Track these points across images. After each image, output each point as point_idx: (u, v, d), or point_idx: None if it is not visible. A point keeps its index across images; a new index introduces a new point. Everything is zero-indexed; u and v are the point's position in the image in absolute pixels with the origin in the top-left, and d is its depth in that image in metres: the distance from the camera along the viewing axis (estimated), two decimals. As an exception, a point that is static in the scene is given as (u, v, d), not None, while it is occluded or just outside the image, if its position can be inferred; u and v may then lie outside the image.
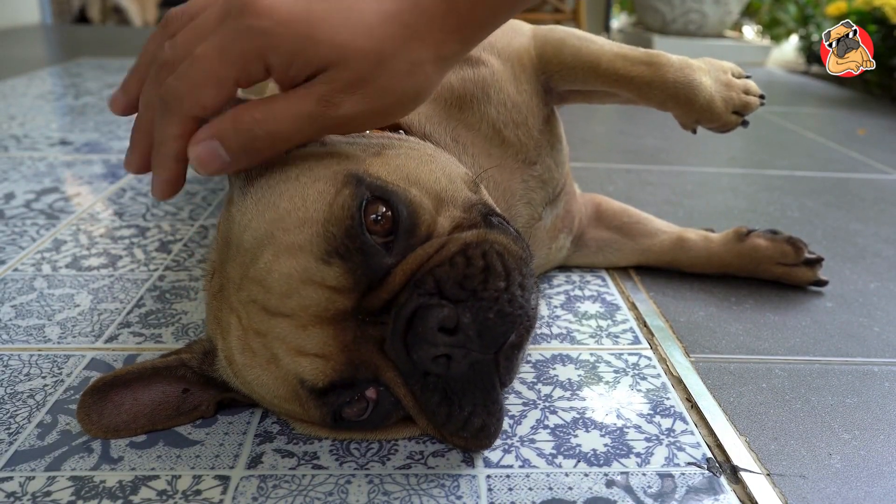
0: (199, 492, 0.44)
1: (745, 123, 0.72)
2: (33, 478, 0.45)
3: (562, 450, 0.49)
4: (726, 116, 0.70)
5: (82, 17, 3.81)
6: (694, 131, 0.72)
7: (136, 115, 0.47)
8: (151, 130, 0.45)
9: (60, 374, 0.57)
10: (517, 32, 0.67)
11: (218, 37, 0.41)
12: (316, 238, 0.42)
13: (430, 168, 0.48)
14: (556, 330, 0.66)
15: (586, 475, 0.47)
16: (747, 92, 0.71)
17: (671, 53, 0.68)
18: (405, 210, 0.43)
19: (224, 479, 0.46)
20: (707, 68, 0.70)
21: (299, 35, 0.40)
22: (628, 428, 0.52)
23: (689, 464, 0.49)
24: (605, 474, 0.47)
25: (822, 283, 0.76)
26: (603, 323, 0.67)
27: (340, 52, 0.41)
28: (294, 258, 0.42)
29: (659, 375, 0.59)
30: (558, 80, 0.66)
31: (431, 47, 0.43)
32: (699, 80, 0.67)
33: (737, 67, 0.73)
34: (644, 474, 0.47)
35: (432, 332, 0.41)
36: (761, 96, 0.72)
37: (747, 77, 0.73)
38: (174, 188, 0.46)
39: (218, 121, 0.42)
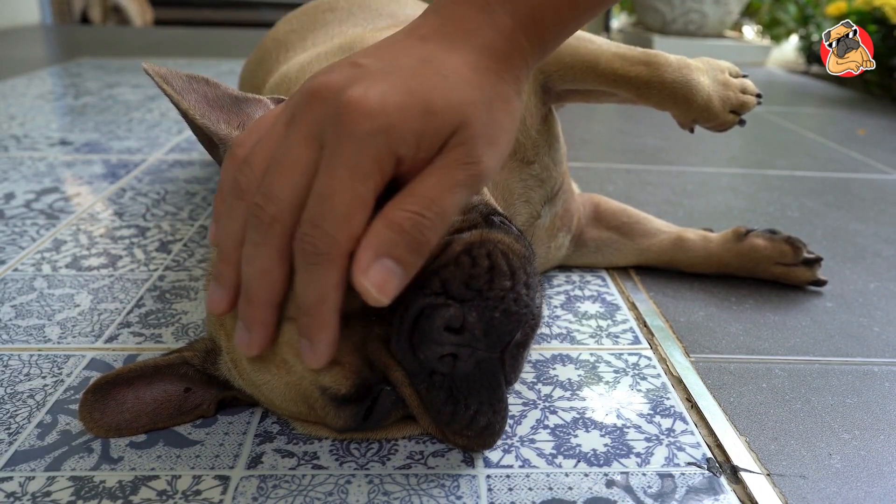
0: (199, 492, 0.44)
1: (742, 122, 0.72)
2: (33, 478, 0.45)
3: (562, 450, 0.49)
4: (724, 116, 0.70)
5: (84, 19, 3.81)
6: (692, 130, 0.73)
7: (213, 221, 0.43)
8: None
9: (60, 374, 0.57)
10: None
11: (339, 161, 0.37)
12: None
13: None
14: (556, 330, 0.66)
15: (586, 475, 0.47)
16: (744, 91, 0.72)
17: (671, 53, 0.68)
18: None
19: (224, 479, 0.46)
20: (705, 68, 0.70)
21: (418, 114, 0.38)
22: (628, 428, 0.52)
23: (689, 464, 0.49)
24: (605, 474, 0.47)
25: (822, 283, 0.76)
26: (603, 323, 0.67)
27: (460, 110, 0.38)
28: None
29: (659, 375, 0.59)
30: (556, 79, 0.66)
31: (512, 83, 0.42)
32: (697, 80, 0.67)
33: (734, 67, 0.73)
34: (644, 474, 0.47)
35: (438, 332, 0.41)
36: (758, 95, 0.73)
37: (744, 76, 0.73)
38: (336, 346, 0.41)
39: (369, 238, 0.37)
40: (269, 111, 0.44)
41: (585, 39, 0.66)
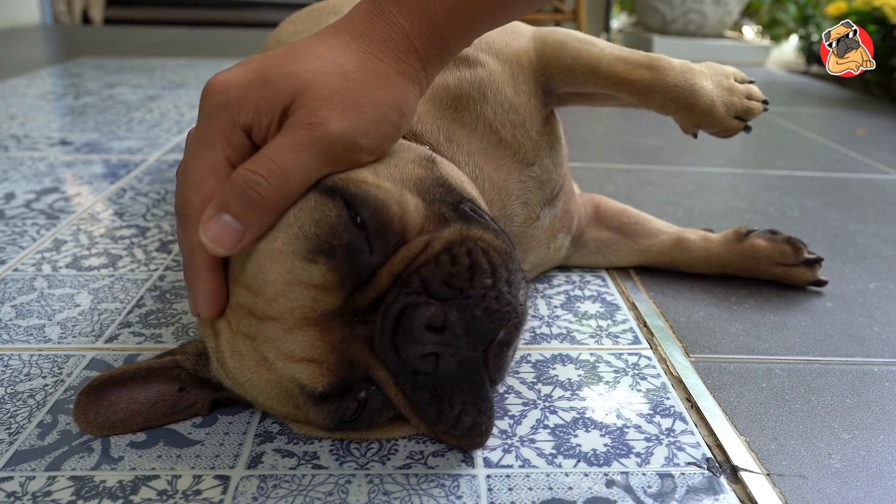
0: (199, 492, 0.44)
1: (747, 129, 0.71)
2: (33, 478, 0.45)
3: (562, 450, 0.49)
4: (727, 121, 0.69)
5: (86, 19, 3.81)
6: (695, 136, 0.72)
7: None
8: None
9: (61, 374, 0.57)
10: (516, 34, 0.67)
11: (195, 134, 0.44)
12: (297, 240, 0.42)
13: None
14: (556, 330, 0.66)
15: (586, 475, 0.47)
16: (750, 97, 0.70)
17: (671, 53, 0.68)
18: (370, 208, 0.43)
19: (224, 479, 0.46)
20: (709, 73, 0.69)
21: (255, 85, 0.43)
22: (628, 428, 0.52)
23: (689, 464, 0.49)
24: (605, 474, 0.47)
25: (822, 283, 0.76)
26: (603, 323, 0.67)
27: (299, 78, 0.43)
28: (279, 262, 0.42)
29: (659, 375, 0.59)
30: (558, 81, 0.66)
31: (389, 62, 0.45)
32: (700, 85, 0.67)
33: (740, 72, 0.72)
34: (644, 474, 0.47)
35: (420, 331, 0.41)
36: (764, 101, 0.71)
37: (751, 82, 0.72)
38: (218, 302, 0.45)
39: (217, 196, 0.42)
40: None
41: (587, 42, 0.66)
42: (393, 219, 0.44)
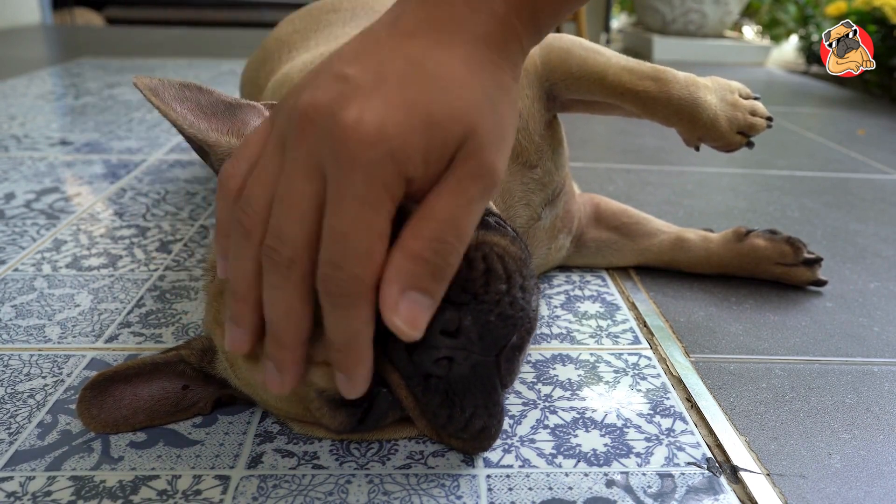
0: (199, 492, 0.44)
1: (749, 144, 0.70)
2: (33, 478, 0.45)
3: (562, 450, 0.49)
4: (730, 136, 0.69)
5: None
6: (697, 148, 0.72)
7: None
8: (259, 302, 0.40)
9: (61, 373, 0.57)
10: None
11: (346, 191, 0.35)
12: None
13: None
14: (556, 330, 0.66)
15: (586, 475, 0.47)
16: (754, 113, 0.70)
17: (671, 53, 0.68)
18: None
19: (224, 479, 0.46)
20: (713, 87, 0.69)
21: (421, 131, 0.35)
22: (628, 428, 0.52)
23: (689, 464, 0.49)
24: (605, 474, 0.47)
25: (822, 283, 0.76)
26: (603, 323, 0.67)
27: (465, 118, 0.36)
28: None
29: (659, 375, 0.59)
30: (562, 88, 0.66)
31: (509, 69, 0.40)
32: (704, 98, 0.67)
33: (745, 88, 0.72)
34: (644, 474, 0.47)
35: (434, 335, 0.41)
36: (769, 118, 0.71)
37: (756, 98, 0.72)
38: (370, 377, 0.40)
39: (392, 273, 0.36)
40: (259, 122, 0.44)
41: (594, 51, 0.66)
42: None
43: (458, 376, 0.43)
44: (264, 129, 0.41)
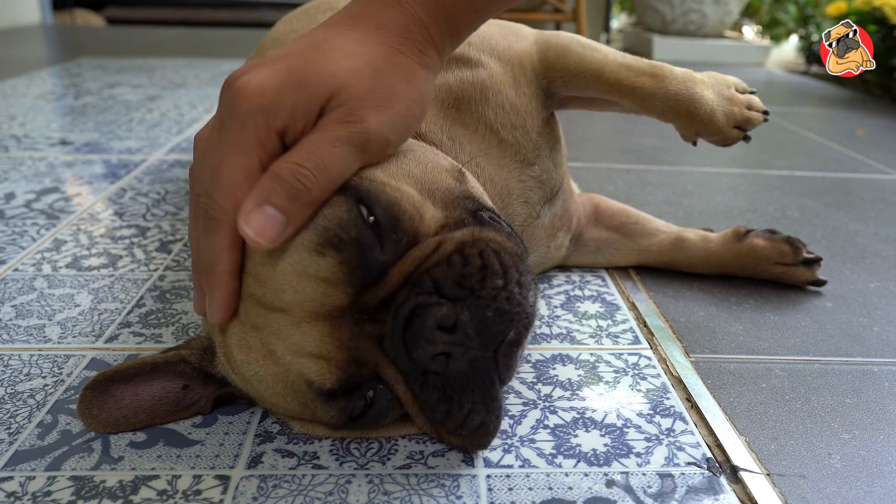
0: (199, 492, 0.44)
1: (746, 139, 0.71)
2: (34, 477, 0.45)
3: (562, 450, 0.49)
4: (727, 131, 0.69)
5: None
6: (694, 143, 0.72)
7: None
8: None
9: (61, 373, 0.57)
10: (519, 37, 0.67)
11: (226, 138, 0.43)
12: (307, 232, 0.42)
13: (404, 161, 0.48)
14: (556, 330, 0.66)
15: (586, 475, 0.47)
16: (750, 107, 0.71)
17: (671, 53, 0.68)
18: (382, 206, 0.44)
19: (224, 479, 0.46)
20: (710, 82, 0.69)
21: (290, 88, 0.42)
22: (628, 428, 0.52)
23: (689, 464, 0.49)
24: (605, 474, 0.47)
25: (821, 283, 0.76)
26: (603, 323, 0.67)
27: (335, 78, 0.43)
28: (288, 252, 0.42)
29: (659, 375, 0.59)
30: (560, 85, 0.66)
31: (412, 55, 0.45)
32: (700, 94, 0.67)
33: (741, 83, 0.72)
34: (644, 474, 0.47)
35: (431, 331, 0.41)
36: (765, 112, 0.72)
37: (752, 92, 0.72)
38: (232, 307, 0.45)
39: (257, 188, 0.41)
40: None
41: (591, 48, 0.66)
42: (404, 217, 0.44)
43: (455, 372, 0.43)
44: None
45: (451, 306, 0.41)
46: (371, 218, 0.43)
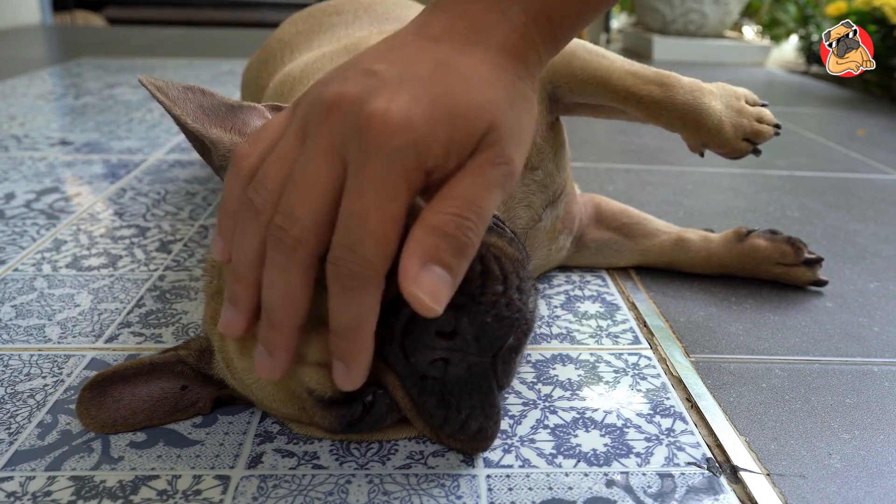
0: (199, 492, 0.44)
1: (756, 152, 0.70)
2: (33, 477, 0.45)
3: (562, 450, 0.49)
4: (735, 143, 0.69)
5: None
6: (702, 154, 0.72)
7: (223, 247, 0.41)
8: (259, 284, 0.39)
9: (61, 373, 0.57)
10: None
11: (369, 180, 0.35)
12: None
13: None
14: (556, 330, 0.66)
15: (586, 475, 0.47)
16: (760, 120, 0.70)
17: (671, 53, 0.68)
18: None
19: (224, 479, 0.46)
20: (719, 93, 0.69)
21: (445, 123, 0.36)
22: (628, 428, 0.52)
23: (689, 464, 0.49)
24: (605, 474, 0.47)
25: (822, 283, 0.76)
26: (603, 323, 0.67)
27: (488, 112, 0.37)
28: None
29: (659, 375, 0.59)
30: (566, 91, 0.66)
31: (528, 80, 0.41)
32: (708, 104, 0.66)
33: (752, 94, 0.72)
34: (644, 474, 0.47)
35: (430, 336, 0.41)
36: (776, 125, 0.71)
37: (763, 105, 0.71)
38: (368, 369, 0.40)
39: (412, 246, 0.36)
40: (269, 119, 0.44)
41: (598, 54, 0.66)
42: None
43: (453, 377, 0.43)
44: (285, 116, 0.41)
45: (451, 312, 0.41)
46: None
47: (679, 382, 0.58)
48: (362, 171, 0.36)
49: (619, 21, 3.65)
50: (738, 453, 0.50)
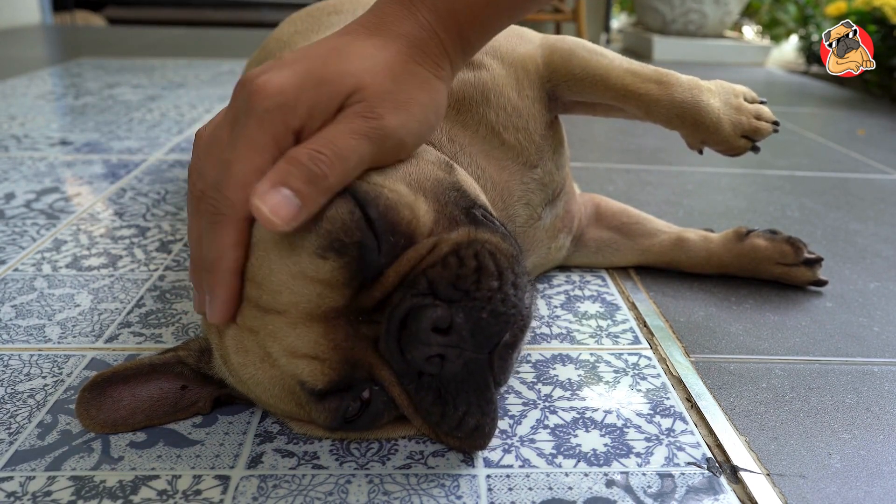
0: (199, 492, 0.44)
1: (755, 149, 0.70)
2: (34, 477, 0.45)
3: (562, 450, 0.49)
4: (734, 140, 0.69)
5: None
6: (700, 152, 0.72)
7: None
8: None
9: (61, 373, 0.57)
10: (524, 39, 0.67)
11: (241, 135, 0.42)
12: (308, 234, 0.42)
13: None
14: (556, 330, 0.66)
15: (586, 475, 0.47)
16: (759, 117, 0.70)
17: (671, 53, 0.68)
18: (380, 208, 0.43)
19: (224, 479, 0.46)
20: (717, 91, 0.69)
21: (310, 87, 0.42)
22: (628, 428, 0.52)
23: (689, 464, 0.49)
24: (605, 474, 0.47)
25: (822, 283, 0.76)
26: (603, 323, 0.67)
27: (355, 77, 0.43)
28: (287, 254, 0.42)
29: (659, 375, 0.59)
30: (565, 89, 0.66)
31: (428, 66, 0.46)
32: (707, 102, 0.67)
33: (750, 92, 0.72)
34: (644, 474, 0.47)
35: (426, 332, 0.41)
36: (775, 123, 0.71)
37: (762, 102, 0.71)
38: (234, 307, 0.44)
39: (273, 171, 0.41)
40: None
41: (597, 53, 0.66)
42: (402, 220, 0.44)
43: (450, 374, 0.43)
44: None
45: (446, 308, 0.41)
46: (368, 219, 0.43)
47: (679, 382, 0.58)
48: (239, 129, 0.43)
49: (619, 21, 3.65)
50: (738, 453, 0.50)
